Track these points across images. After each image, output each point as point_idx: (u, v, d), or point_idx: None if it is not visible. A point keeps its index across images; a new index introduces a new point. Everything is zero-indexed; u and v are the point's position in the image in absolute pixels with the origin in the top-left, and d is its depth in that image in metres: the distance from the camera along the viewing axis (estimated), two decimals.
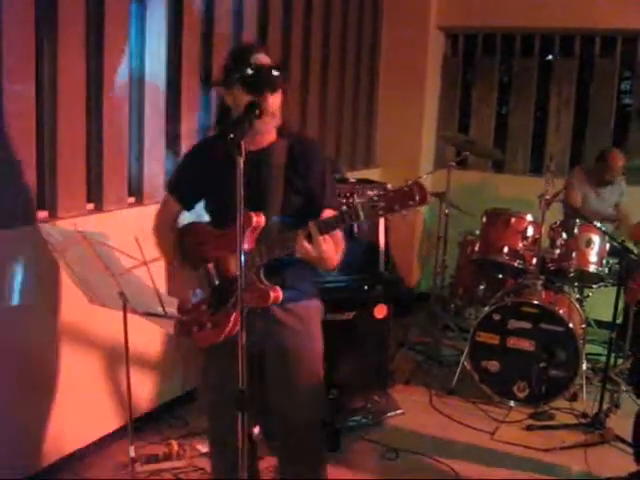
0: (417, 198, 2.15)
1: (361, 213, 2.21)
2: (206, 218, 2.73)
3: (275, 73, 2.45)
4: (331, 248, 2.39)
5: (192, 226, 2.72)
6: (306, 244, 2.32)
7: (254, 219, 2.42)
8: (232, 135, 2.12)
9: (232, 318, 2.47)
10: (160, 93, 3.95)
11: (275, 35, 4.82)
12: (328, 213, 2.47)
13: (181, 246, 2.67)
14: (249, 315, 2.42)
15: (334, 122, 5.75)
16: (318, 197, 2.56)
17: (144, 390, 4.01)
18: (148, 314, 2.65)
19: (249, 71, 2.41)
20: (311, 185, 2.56)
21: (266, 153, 2.56)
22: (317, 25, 5.33)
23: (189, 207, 2.77)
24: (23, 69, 3.14)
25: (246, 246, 2.41)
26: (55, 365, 3.45)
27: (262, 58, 2.46)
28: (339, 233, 2.49)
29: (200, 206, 2.76)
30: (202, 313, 2.56)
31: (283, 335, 2.64)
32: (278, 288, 2.46)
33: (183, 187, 2.74)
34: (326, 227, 2.32)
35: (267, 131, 2.53)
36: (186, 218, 2.77)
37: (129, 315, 2.74)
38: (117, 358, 3.31)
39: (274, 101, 2.46)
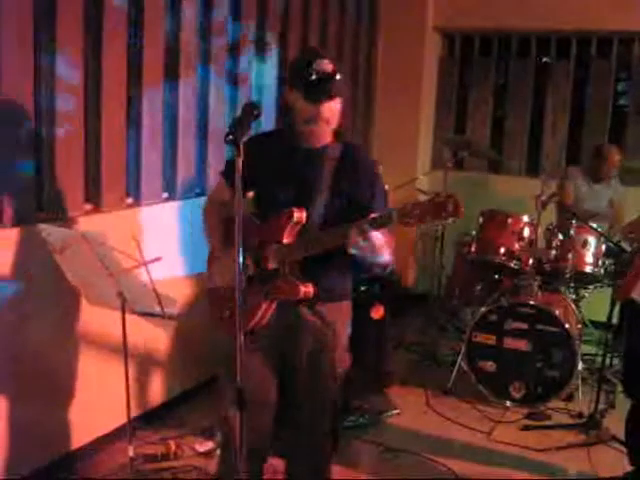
0: (451, 210, 2.22)
1: (394, 218, 2.29)
2: None
3: (334, 81, 2.50)
4: (385, 241, 2.43)
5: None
6: (358, 238, 2.35)
7: (296, 214, 2.51)
8: (231, 136, 2.13)
9: (262, 308, 2.58)
10: (159, 92, 3.96)
11: (272, 38, 4.83)
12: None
13: (225, 233, 2.73)
14: (279, 309, 2.60)
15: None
16: (367, 203, 2.59)
17: (142, 390, 4.02)
18: (146, 314, 2.66)
19: (312, 77, 2.47)
20: (358, 192, 2.62)
21: (318, 153, 2.63)
22: (314, 27, 5.33)
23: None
24: (21, 69, 3.14)
25: (286, 240, 2.55)
26: (53, 365, 3.45)
27: (326, 65, 2.50)
28: (389, 235, 2.52)
29: None
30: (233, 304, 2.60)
31: (306, 337, 2.68)
32: (310, 284, 2.52)
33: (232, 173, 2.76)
34: (378, 223, 2.35)
35: (321, 135, 2.61)
36: None
37: (128, 315, 2.75)
38: (115, 358, 3.32)
39: (330, 108, 2.53)
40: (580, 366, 4.56)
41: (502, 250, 4.90)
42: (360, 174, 2.65)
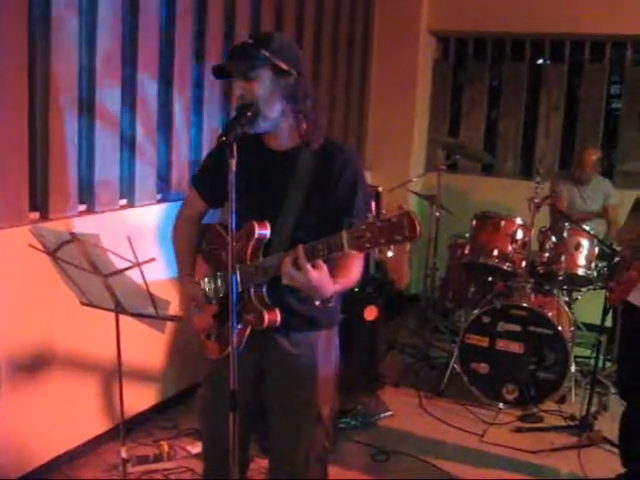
0: (406, 233, 1.83)
1: (345, 244, 1.92)
2: None
3: (247, 51, 2.18)
4: (322, 276, 2.04)
5: (208, 228, 2.55)
6: (292, 269, 2.03)
7: (257, 231, 2.22)
8: (224, 138, 2.05)
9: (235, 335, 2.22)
10: (150, 94, 3.96)
11: None
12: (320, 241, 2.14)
13: (200, 247, 2.53)
14: (254, 335, 2.30)
15: (325, 124, 5.74)
16: (343, 215, 2.17)
17: (135, 391, 4.01)
18: (140, 315, 2.66)
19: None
20: (337, 202, 2.25)
21: (288, 157, 2.30)
22: (308, 29, 5.34)
23: (213, 204, 2.55)
24: (15, 71, 3.14)
25: (249, 260, 2.24)
26: (46, 366, 3.45)
27: (244, 40, 2.23)
28: (350, 263, 2.19)
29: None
30: (210, 324, 2.45)
31: (281, 368, 2.41)
32: (276, 311, 2.25)
33: (207, 182, 2.51)
34: (313, 254, 2.01)
35: (273, 128, 2.27)
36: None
37: (121, 316, 2.75)
38: (108, 359, 3.31)
39: (250, 87, 2.19)
40: (573, 368, 4.58)
41: (495, 252, 4.91)
42: (337, 183, 2.26)
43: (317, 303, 2.17)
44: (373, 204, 4.44)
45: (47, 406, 3.47)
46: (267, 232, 2.25)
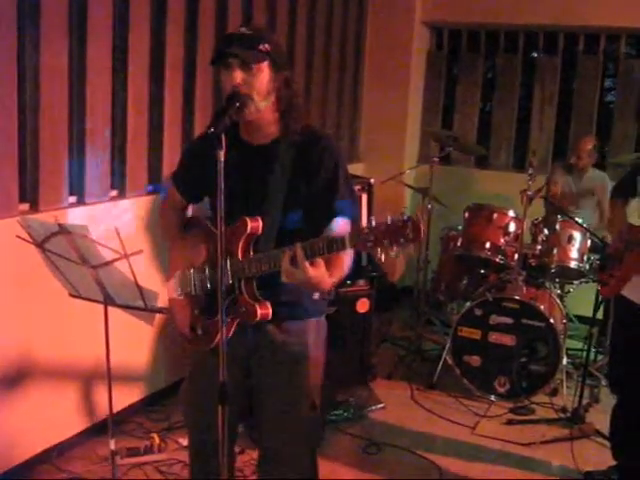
0: (410, 235, 1.88)
1: (348, 245, 1.97)
2: None
3: (241, 43, 2.18)
4: (321, 273, 2.07)
5: (193, 221, 2.58)
6: (290, 267, 2.06)
7: (250, 225, 2.23)
8: (212, 129, 2.03)
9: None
10: (142, 87, 3.94)
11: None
12: (339, 223, 2.23)
13: (184, 240, 2.55)
14: (242, 327, 2.31)
15: (318, 116, 5.74)
16: (326, 205, 2.26)
17: (126, 383, 4.00)
18: (128, 307, 2.64)
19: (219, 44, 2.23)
20: (318, 191, 2.29)
21: (268, 150, 2.32)
22: (301, 20, 5.31)
23: (192, 200, 2.60)
24: (5, 62, 3.12)
25: (240, 255, 2.25)
26: (35, 358, 3.44)
27: (240, 30, 2.24)
28: (342, 256, 2.18)
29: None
30: (195, 317, 2.46)
31: (273, 355, 2.41)
32: (268, 304, 2.25)
33: (185, 179, 2.56)
34: (312, 252, 2.03)
35: (258, 121, 2.28)
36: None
37: (110, 308, 2.74)
38: (98, 351, 3.30)
39: (246, 78, 2.19)
40: (564, 361, 4.59)
41: (488, 245, 4.91)
42: (318, 171, 2.29)
43: (316, 296, 2.26)
44: (365, 196, 4.44)
45: (36, 398, 3.46)
46: (259, 226, 2.25)
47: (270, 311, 2.26)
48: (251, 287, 2.26)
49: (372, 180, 4.64)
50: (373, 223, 1.92)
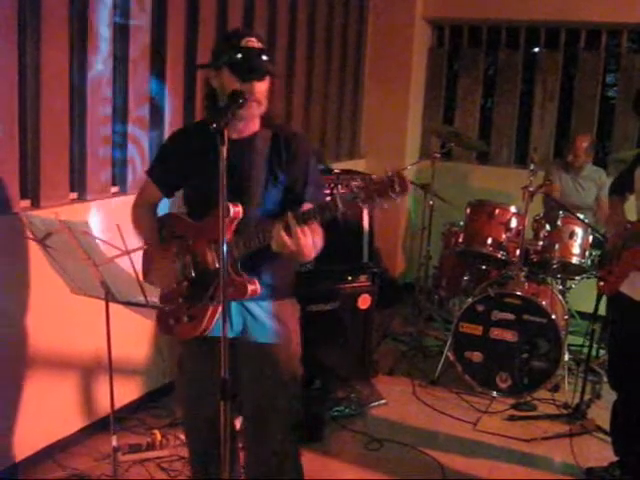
0: (397, 189, 2.06)
1: (340, 205, 2.12)
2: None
3: (264, 59, 2.41)
4: (309, 241, 2.25)
5: (169, 217, 2.70)
6: (284, 236, 2.22)
7: (232, 210, 2.36)
8: (215, 124, 2.10)
9: (209, 312, 2.44)
10: (142, 84, 3.93)
11: (260, 26, 4.79)
12: (308, 207, 2.37)
13: (159, 236, 2.66)
14: (228, 310, 2.39)
15: (319, 113, 5.73)
16: (299, 191, 2.49)
17: (127, 380, 4.00)
18: (130, 303, 2.64)
19: (238, 55, 2.37)
20: (293, 178, 2.50)
21: (248, 142, 2.50)
22: (302, 16, 5.30)
23: (168, 194, 2.74)
24: (5, 58, 3.11)
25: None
26: (37, 354, 3.43)
27: (253, 43, 2.41)
28: (317, 225, 2.33)
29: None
30: (179, 306, 2.53)
31: (259, 332, 2.56)
32: (256, 280, 2.40)
33: (163, 173, 2.69)
34: (305, 218, 2.22)
35: (251, 119, 2.48)
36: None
37: (111, 304, 2.73)
38: (100, 347, 3.30)
39: (261, 88, 2.41)
40: (566, 357, 4.59)
41: (489, 241, 4.91)
42: (293, 161, 2.50)
43: (299, 266, 2.50)
44: None
45: (39, 395, 3.46)
46: (240, 210, 2.38)
47: (259, 287, 2.40)
48: (236, 268, 2.40)
49: (373, 176, 4.62)
50: (360, 183, 2.10)
